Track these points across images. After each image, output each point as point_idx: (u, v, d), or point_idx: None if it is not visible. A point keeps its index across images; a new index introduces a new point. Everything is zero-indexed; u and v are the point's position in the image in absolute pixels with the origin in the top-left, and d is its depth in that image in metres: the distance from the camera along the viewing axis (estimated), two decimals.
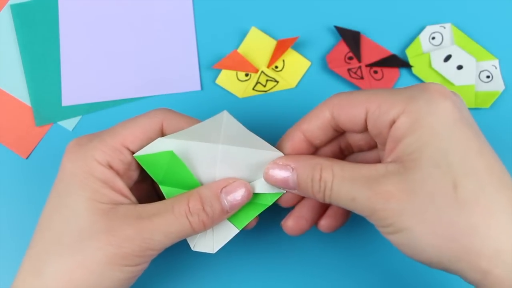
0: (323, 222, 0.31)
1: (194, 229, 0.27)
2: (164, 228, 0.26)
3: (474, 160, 0.24)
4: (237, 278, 0.35)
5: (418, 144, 0.24)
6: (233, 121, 0.27)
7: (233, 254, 0.35)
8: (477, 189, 0.23)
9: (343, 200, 0.25)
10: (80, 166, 0.27)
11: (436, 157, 0.24)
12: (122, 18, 0.41)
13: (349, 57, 0.40)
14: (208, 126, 0.27)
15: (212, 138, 0.28)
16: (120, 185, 0.27)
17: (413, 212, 0.23)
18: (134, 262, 0.26)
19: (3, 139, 0.38)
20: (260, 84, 0.39)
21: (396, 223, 0.24)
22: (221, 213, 0.27)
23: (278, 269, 0.35)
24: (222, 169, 0.28)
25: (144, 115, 0.29)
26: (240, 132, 0.27)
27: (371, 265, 0.35)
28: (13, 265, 0.33)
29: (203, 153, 0.28)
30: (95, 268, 0.25)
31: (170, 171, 0.28)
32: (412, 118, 0.25)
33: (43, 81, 0.39)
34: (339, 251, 0.35)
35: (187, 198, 0.27)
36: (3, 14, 0.41)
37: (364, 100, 0.27)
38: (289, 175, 0.27)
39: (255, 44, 0.40)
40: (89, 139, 0.28)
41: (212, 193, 0.27)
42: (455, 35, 0.40)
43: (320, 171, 0.26)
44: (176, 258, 0.35)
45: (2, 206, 0.36)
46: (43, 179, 0.37)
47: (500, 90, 0.39)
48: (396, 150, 0.25)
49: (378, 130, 0.27)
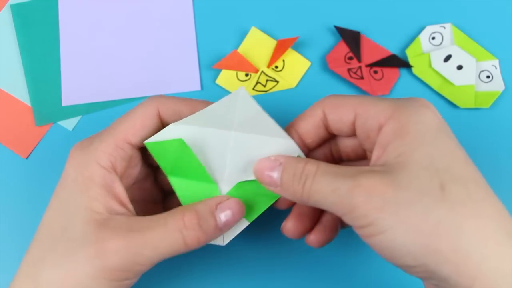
0: (312, 237, 0.30)
1: (187, 244, 0.26)
2: (154, 243, 0.25)
3: (461, 168, 0.24)
4: (238, 278, 0.35)
5: (405, 148, 0.24)
6: (248, 100, 0.27)
7: (234, 255, 0.35)
8: (464, 194, 0.23)
9: (323, 192, 0.24)
10: (81, 171, 0.26)
11: (423, 162, 0.24)
12: (122, 18, 0.41)
13: (349, 57, 0.39)
14: (223, 107, 0.27)
15: (225, 123, 0.28)
16: (119, 190, 0.27)
17: (397, 209, 0.22)
18: (121, 277, 0.25)
19: (3, 139, 0.38)
20: (260, 84, 0.39)
21: (377, 222, 0.23)
22: (215, 229, 0.27)
23: (277, 271, 0.35)
24: (233, 158, 0.28)
25: (138, 106, 0.28)
26: (254, 115, 0.27)
27: (369, 269, 0.35)
28: (13, 265, 0.33)
29: (215, 140, 0.28)
30: (83, 279, 0.25)
31: (179, 160, 0.28)
32: (400, 124, 0.25)
33: (43, 81, 0.39)
34: (339, 253, 0.35)
35: (182, 213, 0.26)
36: (3, 14, 0.41)
37: (354, 103, 0.27)
38: (276, 170, 0.26)
39: (255, 44, 0.40)
40: (90, 142, 0.27)
41: (208, 208, 0.27)
42: (455, 35, 0.40)
43: (305, 163, 0.26)
44: (176, 258, 0.35)
45: (2, 206, 0.36)
46: (43, 179, 0.37)
47: (500, 90, 0.39)
48: (384, 154, 0.25)
49: (366, 134, 0.27)
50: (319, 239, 0.30)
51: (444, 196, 0.23)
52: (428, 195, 0.23)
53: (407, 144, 0.24)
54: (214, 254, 0.35)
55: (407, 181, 0.23)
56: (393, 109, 0.26)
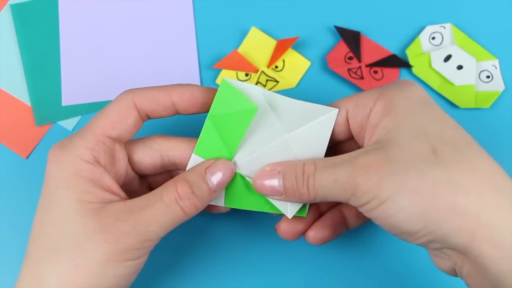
0: (311, 233, 0.30)
1: (187, 213, 0.26)
2: (157, 218, 0.26)
3: (451, 132, 0.25)
4: (238, 279, 0.35)
5: (393, 123, 0.25)
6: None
7: (234, 256, 0.35)
8: (457, 154, 0.24)
9: (326, 185, 0.25)
10: (65, 168, 0.26)
11: (413, 131, 0.25)
12: (122, 18, 0.41)
13: (349, 57, 0.40)
14: (300, 108, 0.29)
15: (287, 124, 0.28)
16: (108, 182, 0.27)
17: (394, 179, 0.23)
18: (134, 256, 0.26)
19: (3, 139, 0.38)
20: (260, 84, 0.39)
21: (378, 194, 0.24)
22: (209, 193, 0.27)
23: (277, 273, 0.35)
24: (263, 155, 0.28)
25: (113, 101, 0.28)
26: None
27: (369, 269, 0.35)
28: (14, 265, 0.33)
29: (267, 128, 0.28)
30: (96, 267, 0.25)
31: (230, 116, 0.27)
32: (386, 102, 0.26)
33: (43, 81, 0.39)
34: (337, 255, 0.35)
35: (174, 184, 0.26)
36: (3, 14, 0.41)
37: (343, 102, 0.29)
38: (276, 180, 0.27)
39: (255, 44, 0.40)
40: (70, 140, 0.27)
41: (198, 175, 0.27)
42: (455, 35, 0.40)
43: (303, 166, 0.26)
44: (177, 258, 0.35)
45: (2, 206, 0.36)
46: (43, 179, 0.37)
47: (500, 90, 0.39)
48: (374, 134, 0.26)
49: (359, 125, 0.28)
50: (317, 236, 0.30)
51: (437, 158, 0.23)
52: (421, 160, 0.23)
53: (394, 119, 0.25)
54: (215, 253, 0.35)
55: (399, 152, 0.24)
56: (379, 93, 0.27)
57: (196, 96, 0.28)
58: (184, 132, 0.32)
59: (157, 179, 0.32)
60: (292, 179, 0.27)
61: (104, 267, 0.25)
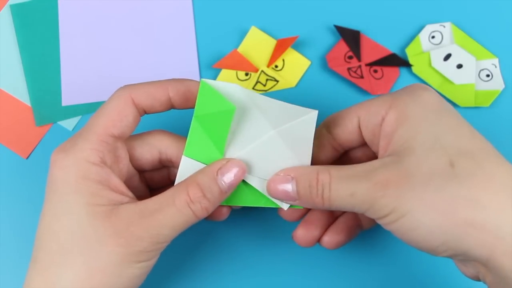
0: (326, 238, 0.30)
1: (198, 216, 0.26)
2: (169, 222, 0.26)
3: (467, 142, 0.25)
4: (244, 280, 0.35)
5: (409, 133, 0.25)
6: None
7: (241, 257, 0.35)
8: (474, 166, 0.24)
9: (342, 198, 0.25)
10: (73, 172, 0.26)
11: (428, 142, 0.24)
12: (122, 18, 0.41)
13: (349, 56, 0.40)
14: (284, 109, 0.28)
15: (272, 120, 0.28)
16: (116, 182, 0.27)
17: (412, 194, 0.23)
18: (147, 257, 0.26)
19: (3, 139, 0.38)
20: (260, 84, 0.39)
21: (397, 208, 0.24)
22: (220, 195, 0.27)
23: (285, 275, 0.35)
24: (254, 150, 0.28)
25: (110, 98, 0.28)
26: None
27: (383, 273, 0.35)
28: (14, 265, 0.33)
29: (254, 125, 0.28)
30: (111, 269, 0.25)
31: (213, 115, 0.27)
32: (399, 111, 0.26)
33: (43, 81, 0.39)
34: (348, 261, 0.35)
35: (186, 187, 0.26)
36: (3, 14, 0.41)
37: (355, 109, 0.28)
38: (289, 185, 0.27)
39: (255, 44, 0.40)
40: (73, 143, 0.27)
41: (209, 177, 0.27)
42: (455, 34, 0.40)
43: (317, 174, 0.26)
44: (176, 258, 0.35)
45: (2, 206, 0.36)
46: (43, 179, 0.36)
47: (500, 89, 0.39)
48: (390, 144, 0.26)
49: (371, 133, 0.28)
50: (332, 241, 0.30)
51: (454, 172, 0.23)
52: (439, 174, 0.23)
53: (409, 129, 0.25)
54: (217, 254, 0.35)
55: (416, 165, 0.24)
56: (391, 100, 0.27)
57: (192, 91, 0.28)
58: (179, 128, 0.32)
59: (154, 175, 0.32)
60: (306, 187, 0.26)
61: (119, 268, 0.25)
